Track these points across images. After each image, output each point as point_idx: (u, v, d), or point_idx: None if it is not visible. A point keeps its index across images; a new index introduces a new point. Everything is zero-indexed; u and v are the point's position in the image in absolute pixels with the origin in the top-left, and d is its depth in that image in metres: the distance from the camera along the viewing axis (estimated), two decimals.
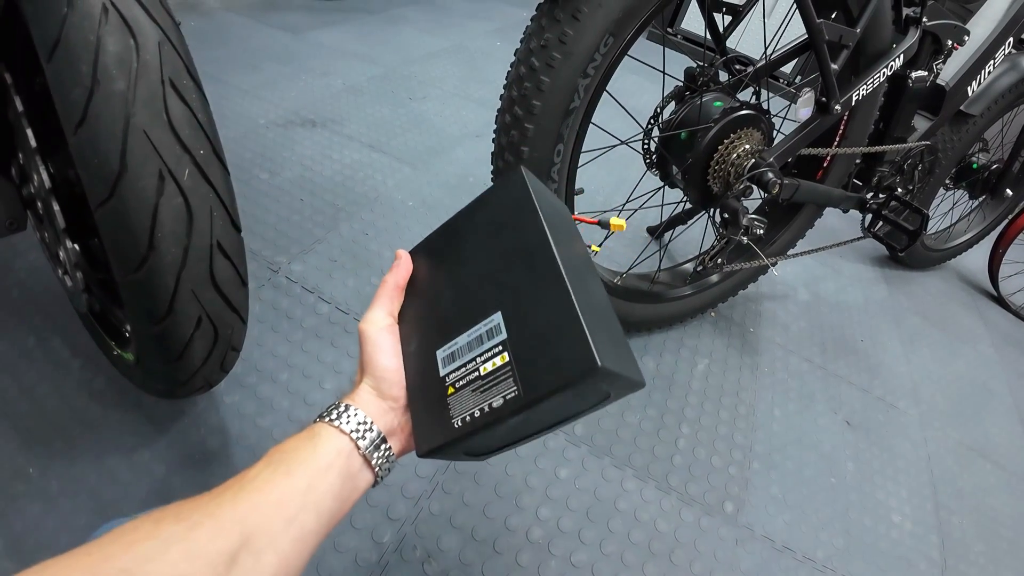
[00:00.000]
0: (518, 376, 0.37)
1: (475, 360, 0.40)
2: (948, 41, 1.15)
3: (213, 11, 2.26)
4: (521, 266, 0.41)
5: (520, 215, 0.43)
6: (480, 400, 0.38)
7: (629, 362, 0.39)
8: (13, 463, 0.82)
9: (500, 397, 0.37)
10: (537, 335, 0.38)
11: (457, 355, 0.41)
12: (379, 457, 0.40)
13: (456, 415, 0.39)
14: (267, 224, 1.28)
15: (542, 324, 0.38)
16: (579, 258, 0.44)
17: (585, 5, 0.72)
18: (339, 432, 0.39)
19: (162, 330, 0.65)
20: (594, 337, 0.35)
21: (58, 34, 0.54)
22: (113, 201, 0.57)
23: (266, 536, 0.33)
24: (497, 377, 0.38)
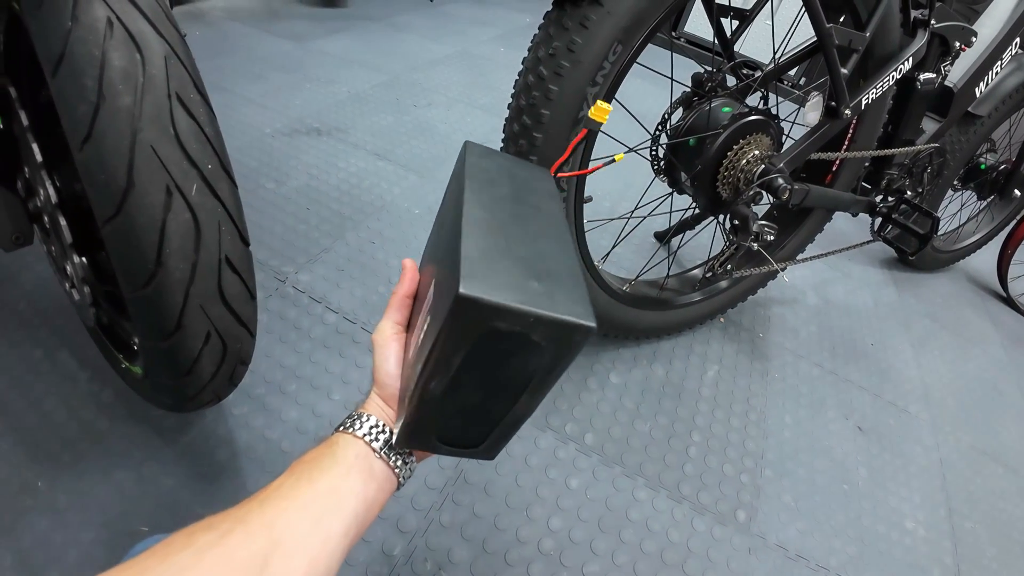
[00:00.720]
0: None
1: None
2: (956, 43, 1.15)
3: (218, 21, 2.27)
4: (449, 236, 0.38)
5: (456, 189, 0.42)
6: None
7: (555, 300, 0.33)
8: (21, 477, 0.82)
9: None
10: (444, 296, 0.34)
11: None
12: (396, 458, 0.42)
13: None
14: (274, 234, 1.28)
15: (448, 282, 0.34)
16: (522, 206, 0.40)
17: (593, 13, 0.72)
18: (354, 438, 0.41)
19: (171, 345, 0.65)
20: (475, 269, 0.32)
21: (62, 49, 0.53)
22: (120, 217, 0.56)
23: (295, 539, 0.34)
24: None
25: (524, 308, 0.31)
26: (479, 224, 0.36)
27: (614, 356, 1.22)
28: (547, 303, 0.32)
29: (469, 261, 0.32)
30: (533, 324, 0.32)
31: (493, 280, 0.32)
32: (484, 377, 0.36)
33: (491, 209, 0.38)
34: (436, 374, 0.35)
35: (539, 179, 0.47)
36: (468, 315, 0.31)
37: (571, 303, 0.33)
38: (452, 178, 0.47)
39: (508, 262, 0.34)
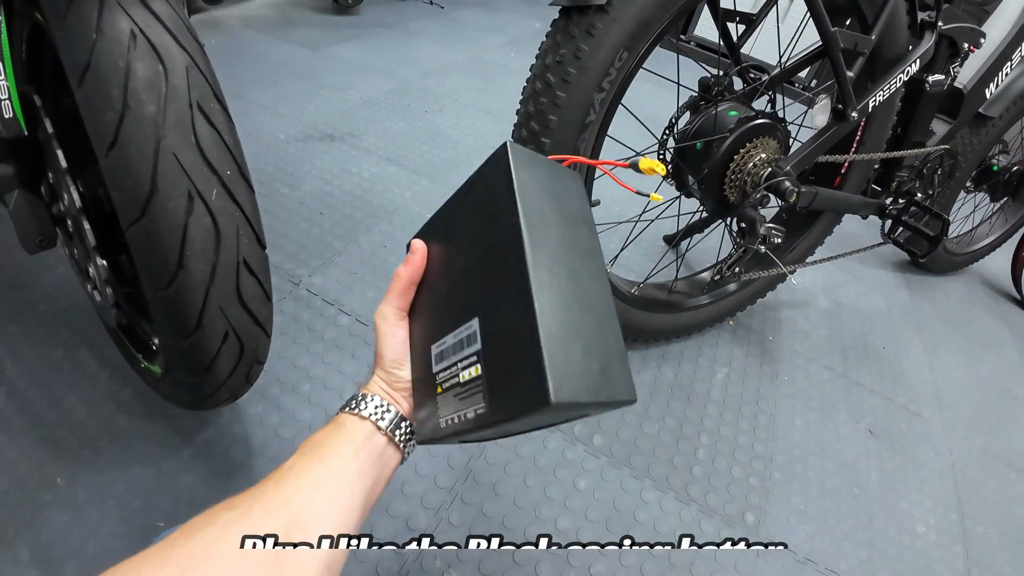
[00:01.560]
0: (486, 392, 0.36)
1: (457, 365, 0.39)
2: (964, 44, 1.15)
3: (233, 29, 2.31)
4: (496, 266, 0.37)
5: (500, 203, 0.38)
6: (459, 407, 0.38)
7: (612, 381, 0.35)
8: (42, 472, 0.85)
9: (472, 410, 0.37)
10: (503, 354, 0.36)
11: (445, 355, 0.41)
12: (400, 434, 0.44)
13: (442, 415, 0.40)
14: (288, 237, 1.31)
15: (508, 342, 0.35)
16: (572, 251, 0.39)
17: (599, 21, 0.73)
18: (360, 418, 0.43)
19: (190, 344, 0.67)
20: (556, 361, 0.32)
21: (88, 59, 0.55)
22: (144, 221, 0.58)
23: (312, 513, 0.36)
24: (472, 388, 0.37)
25: (594, 400, 0.33)
26: (545, 291, 0.35)
27: None
28: (607, 389, 0.35)
29: (553, 357, 0.32)
30: (595, 408, 0.35)
31: (569, 372, 0.33)
32: (524, 426, 0.39)
33: (551, 266, 0.36)
34: (485, 428, 0.36)
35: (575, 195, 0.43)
36: (548, 411, 0.32)
37: (623, 383, 0.36)
38: (483, 181, 0.42)
39: (577, 345, 0.34)
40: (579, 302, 0.36)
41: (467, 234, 0.42)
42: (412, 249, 0.46)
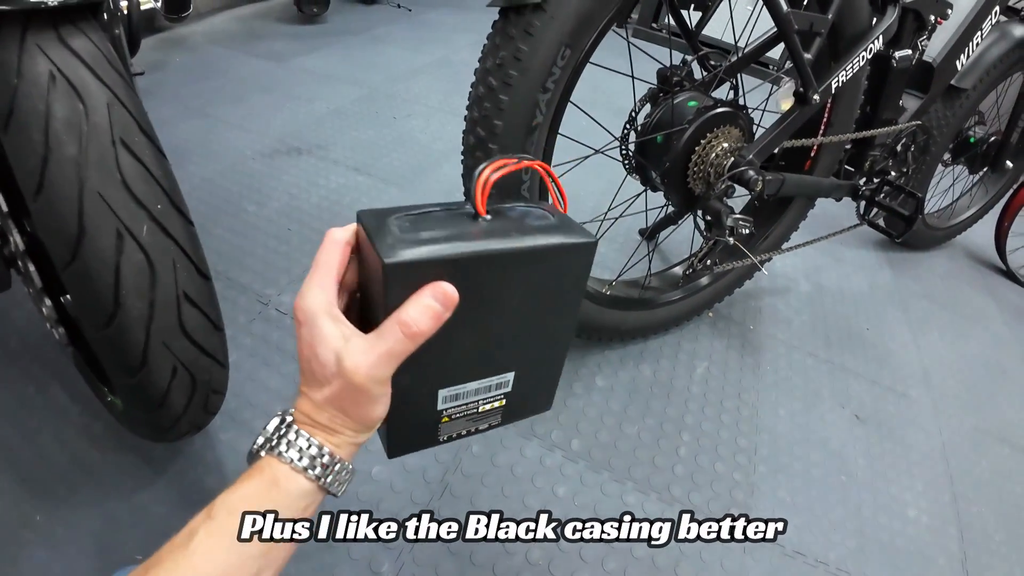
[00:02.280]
0: (504, 413, 0.47)
1: (477, 402, 0.44)
2: (931, 16, 1.13)
3: (199, 45, 2.29)
4: (546, 332, 0.44)
5: (570, 281, 0.42)
6: (469, 425, 0.46)
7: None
8: (20, 510, 0.84)
9: (486, 423, 0.47)
10: (530, 389, 0.47)
11: (461, 396, 0.43)
12: (340, 483, 0.39)
13: (443, 433, 0.45)
14: (256, 256, 1.29)
15: (537, 381, 0.47)
16: None
17: (536, 19, 0.71)
18: (306, 480, 0.37)
19: (139, 382, 0.66)
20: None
21: (10, 105, 0.54)
22: (76, 263, 0.57)
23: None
24: (489, 413, 0.46)
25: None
26: None
27: (600, 359, 1.21)
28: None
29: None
30: None
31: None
32: None
33: None
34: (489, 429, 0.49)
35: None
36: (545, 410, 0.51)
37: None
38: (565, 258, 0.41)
39: None
40: None
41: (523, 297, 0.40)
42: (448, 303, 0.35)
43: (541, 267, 0.39)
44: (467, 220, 0.38)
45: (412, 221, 0.37)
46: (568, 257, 0.41)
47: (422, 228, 0.36)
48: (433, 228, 0.36)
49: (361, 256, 0.39)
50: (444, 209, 0.39)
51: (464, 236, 0.36)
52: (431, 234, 0.35)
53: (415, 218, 0.37)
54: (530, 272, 0.39)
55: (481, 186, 0.37)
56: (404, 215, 0.37)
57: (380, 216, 0.37)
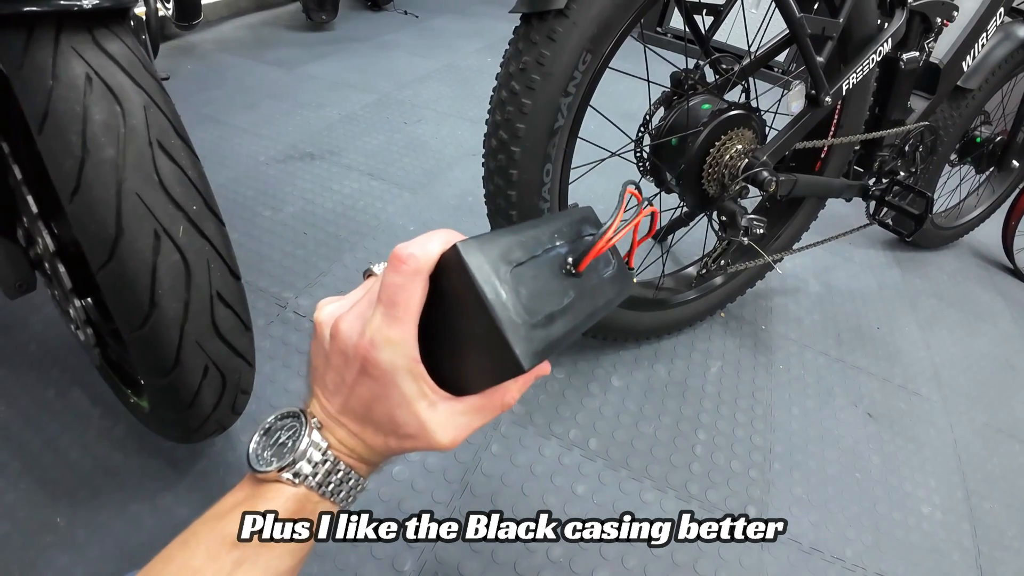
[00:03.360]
0: None
1: None
2: (937, 19, 1.14)
3: (209, 53, 2.31)
4: None
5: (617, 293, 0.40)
6: None
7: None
8: (41, 514, 0.85)
9: None
10: None
11: None
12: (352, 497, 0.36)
13: None
14: (272, 260, 1.30)
15: None
16: None
17: (560, 25, 0.73)
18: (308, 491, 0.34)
19: (171, 381, 0.67)
20: None
21: (46, 107, 0.55)
22: (113, 263, 0.58)
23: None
24: None
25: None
26: None
27: (615, 359, 1.22)
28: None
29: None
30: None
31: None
32: None
33: None
34: None
35: None
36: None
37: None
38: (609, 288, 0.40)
39: None
40: None
41: None
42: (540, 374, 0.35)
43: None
44: (564, 275, 0.36)
45: (523, 281, 0.33)
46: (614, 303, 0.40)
47: (537, 298, 0.33)
48: (546, 298, 0.33)
49: (446, 292, 0.32)
50: (544, 252, 0.35)
51: (570, 309, 0.35)
52: (548, 307, 0.33)
53: (524, 272, 0.33)
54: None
55: (601, 246, 0.36)
56: (515, 265, 0.33)
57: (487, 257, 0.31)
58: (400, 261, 0.30)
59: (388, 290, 0.30)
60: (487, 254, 0.31)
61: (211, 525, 0.33)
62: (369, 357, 0.31)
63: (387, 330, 0.30)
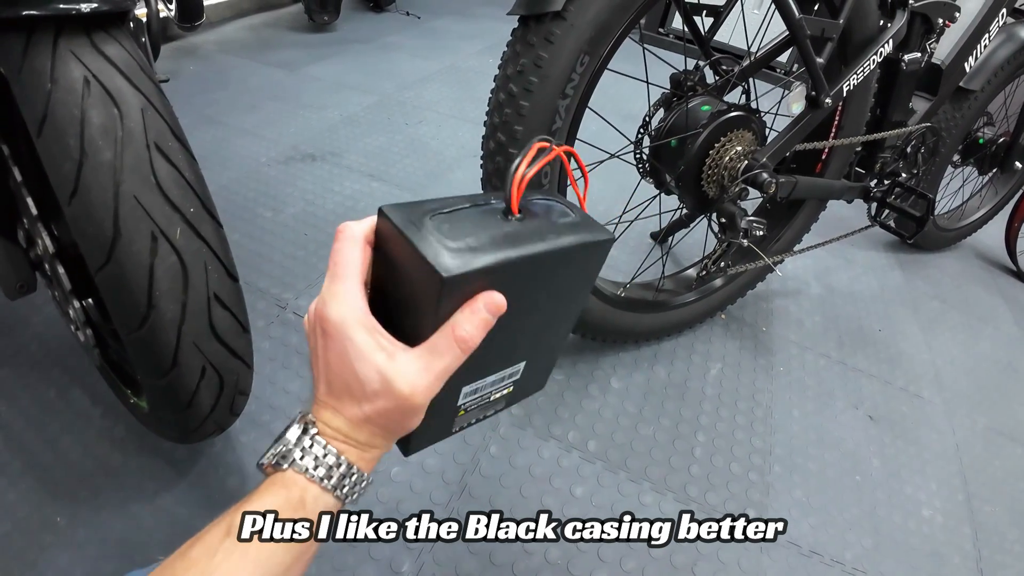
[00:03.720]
0: (509, 398, 0.47)
1: (491, 392, 0.45)
2: (939, 19, 1.14)
3: (211, 54, 2.32)
4: (556, 323, 0.45)
5: (583, 275, 0.43)
6: (479, 413, 0.46)
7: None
8: (42, 514, 0.85)
9: (493, 410, 0.47)
10: (532, 374, 0.47)
11: (480, 389, 0.43)
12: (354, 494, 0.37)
13: (456, 425, 0.45)
14: (273, 261, 1.31)
15: (539, 368, 0.47)
16: None
17: (557, 27, 0.73)
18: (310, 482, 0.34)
19: (168, 382, 0.67)
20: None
21: (44, 111, 0.56)
22: (110, 265, 0.59)
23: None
24: (498, 400, 0.46)
25: None
26: None
27: (614, 361, 1.22)
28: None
29: None
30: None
31: None
32: None
33: None
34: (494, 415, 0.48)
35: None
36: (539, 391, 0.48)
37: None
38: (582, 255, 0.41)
39: None
40: None
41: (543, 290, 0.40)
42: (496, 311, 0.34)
43: (565, 264, 0.40)
44: (500, 219, 0.37)
45: (448, 222, 0.35)
46: (588, 253, 0.41)
47: (462, 232, 0.34)
48: (474, 232, 0.34)
49: (384, 254, 0.36)
50: (474, 206, 0.37)
51: (507, 240, 0.35)
52: (475, 239, 0.34)
53: (449, 217, 0.35)
54: (556, 270, 0.40)
55: (516, 184, 0.36)
56: (436, 213, 0.35)
57: (409, 213, 0.34)
58: (338, 231, 0.35)
59: (331, 257, 0.35)
60: (411, 210, 0.35)
61: (217, 523, 0.34)
62: (321, 314, 0.34)
63: (331, 287, 0.34)
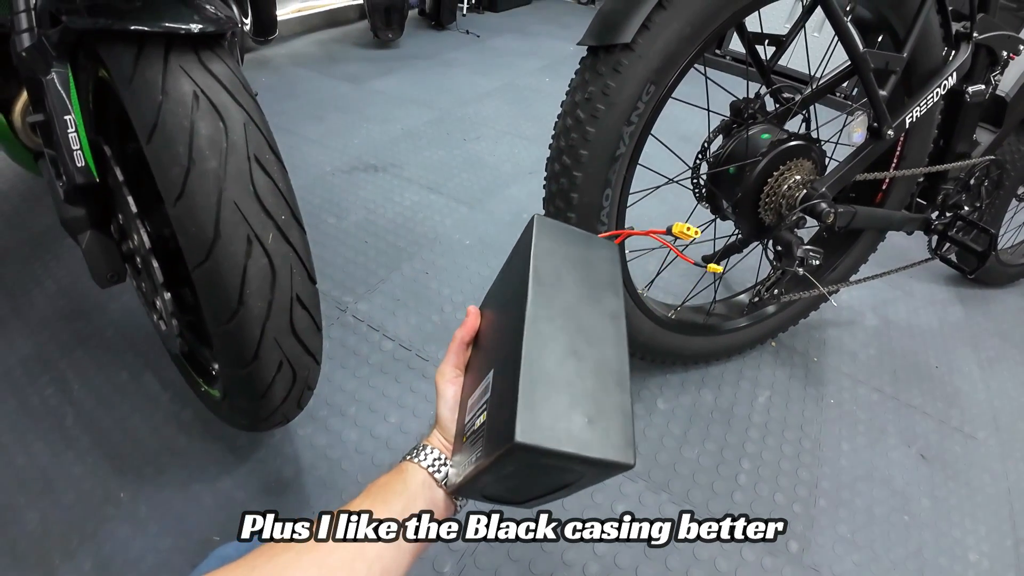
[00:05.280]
0: (485, 438, 0.38)
1: (475, 413, 0.42)
2: (1003, 52, 1.12)
3: (282, 67, 2.45)
4: (511, 322, 0.41)
5: (521, 267, 0.44)
6: (469, 454, 0.40)
7: (603, 438, 0.35)
8: (106, 488, 0.91)
9: (475, 455, 0.39)
10: (499, 401, 0.38)
11: (472, 407, 0.45)
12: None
13: (459, 464, 0.43)
14: (335, 266, 1.37)
15: (503, 390, 0.37)
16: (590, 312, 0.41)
17: (626, 58, 0.76)
18: (419, 467, 0.46)
19: (248, 373, 0.72)
20: (530, 404, 0.34)
21: (155, 119, 0.61)
22: (208, 263, 0.64)
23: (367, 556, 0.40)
24: (479, 435, 0.39)
25: (569, 451, 0.34)
26: (540, 342, 0.37)
27: (661, 382, 1.23)
28: (591, 444, 0.35)
29: (526, 398, 0.34)
30: (575, 461, 0.35)
31: (545, 419, 0.34)
32: (527, 478, 0.39)
33: (556, 321, 0.39)
34: (484, 476, 0.38)
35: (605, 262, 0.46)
36: (518, 455, 0.34)
37: (614, 441, 0.35)
38: (517, 250, 0.48)
39: (562, 395, 0.36)
40: (581, 357, 0.38)
41: (500, 298, 0.47)
42: (468, 312, 0.53)
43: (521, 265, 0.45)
44: None
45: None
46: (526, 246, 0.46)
47: None
48: None
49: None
50: None
51: None
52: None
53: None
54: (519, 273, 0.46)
55: None
56: None
57: None
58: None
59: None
60: None
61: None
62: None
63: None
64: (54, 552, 0.83)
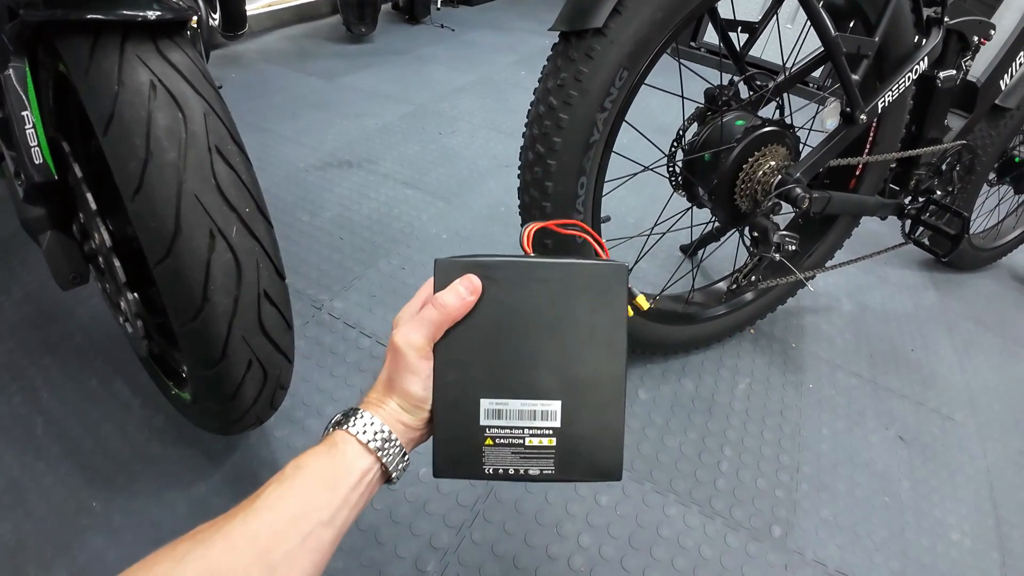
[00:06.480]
0: (557, 459, 0.44)
1: (523, 430, 0.44)
2: (974, 37, 1.13)
3: (253, 63, 2.40)
4: (591, 364, 0.44)
5: (609, 312, 0.44)
6: (517, 463, 0.44)
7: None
8: (78, 498, 0.88)
9: (537, 468, 0.44)
10: (585, 436, 0.44)
11: (504, 415, 0.44)
12: (400, 468, 0.43)
13: (489, 464, 0.44)
14: (310, 264, 1.35)
15: (592, 428, 0.44)
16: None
17: (598, 43, 0.75)
18: (364, 449, 0.41)
19: (216, 373, 0.70)
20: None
21: (111, 111, 0.59)
22: (170, 259, 0.62)
23: (279, 551, 0.35)
24: (539, 453, 0.44)
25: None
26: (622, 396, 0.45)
27: (642, 372, 1.23)
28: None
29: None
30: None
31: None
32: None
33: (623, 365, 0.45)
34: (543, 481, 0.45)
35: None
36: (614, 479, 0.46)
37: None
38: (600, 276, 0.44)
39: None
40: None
41: (557, 317, 0.44)
42: (471, 289, 0.42)
43: (572, 283, 0.44)
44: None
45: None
46: (600, 278, 0.44)
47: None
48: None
49: None
50: None
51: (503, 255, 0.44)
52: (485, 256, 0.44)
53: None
54: (559, 288, 0.43)
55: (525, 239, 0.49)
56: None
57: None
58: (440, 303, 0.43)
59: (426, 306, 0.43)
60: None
61: None
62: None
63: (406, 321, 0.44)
64: (29, 565, 0.80)
